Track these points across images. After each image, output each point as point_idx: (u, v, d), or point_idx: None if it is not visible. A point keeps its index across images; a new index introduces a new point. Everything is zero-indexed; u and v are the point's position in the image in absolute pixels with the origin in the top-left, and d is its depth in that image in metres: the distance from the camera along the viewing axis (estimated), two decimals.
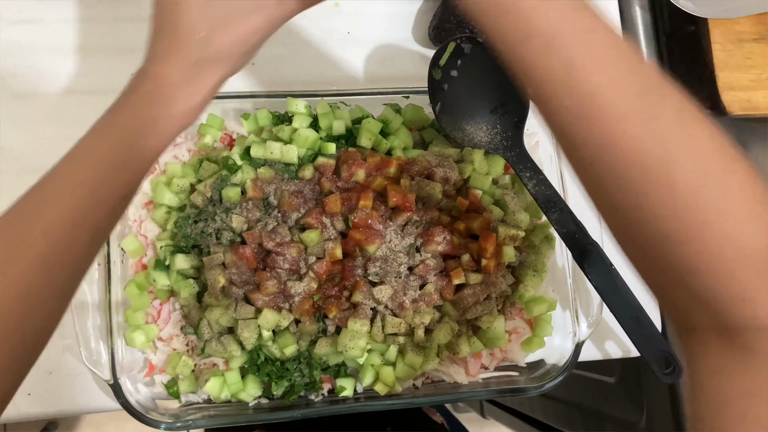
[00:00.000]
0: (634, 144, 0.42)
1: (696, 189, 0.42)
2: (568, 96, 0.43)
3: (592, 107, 0.42)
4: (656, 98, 0.43)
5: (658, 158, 0.42)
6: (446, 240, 0.72)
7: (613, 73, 0.42)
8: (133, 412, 0.68)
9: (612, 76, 0.42)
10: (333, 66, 0.85)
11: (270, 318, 0.69)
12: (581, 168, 0.46)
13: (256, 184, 0.72)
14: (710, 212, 0.42)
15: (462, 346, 0.73)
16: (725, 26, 0.87)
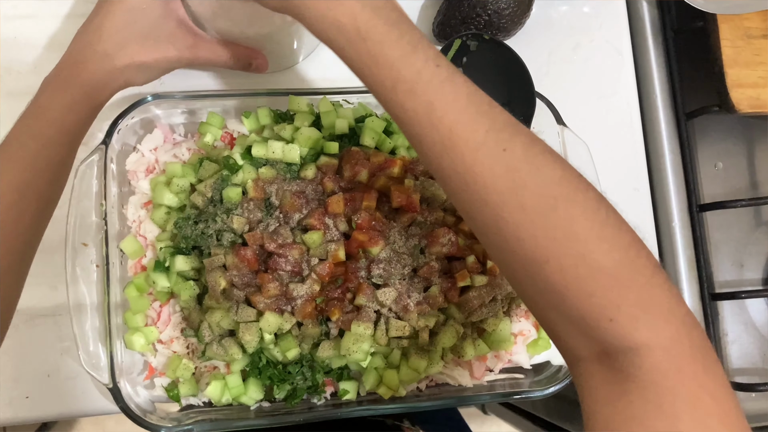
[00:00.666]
0: (490, 171, 0.48)
1: (544, 212, 0.47)
2: (432, 132, 0.49)
3: (452, 140, 0.48)
4: (506, 134, 0.48)
5: (511, 183, 0.47)
6: (451, 241, 0.70)
7: (465, 112, 0.48)
8: (133, 416, 0.67)
9: (465, 114, 0.48)
10: (335, 63, 0.83)
11: (272, 321, 0.67)
12: (455, 199, 0.51)
13: (258, 184, 0.70)
14: (560, 232, 0.46)
15: (467, 349, 0.72)
16: (734, 22, 0.86)
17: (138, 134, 0.76)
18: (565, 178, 0.48)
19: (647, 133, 0.91)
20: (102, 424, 1.92)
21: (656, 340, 0.45)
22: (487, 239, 0.51)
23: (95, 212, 0.70)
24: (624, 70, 0.91)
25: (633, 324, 0.45)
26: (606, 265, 0.46)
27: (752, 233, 0.94)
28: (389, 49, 0.49)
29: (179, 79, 0.80)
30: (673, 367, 0.44)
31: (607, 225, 0.47)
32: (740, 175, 0.94)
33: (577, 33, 0.89)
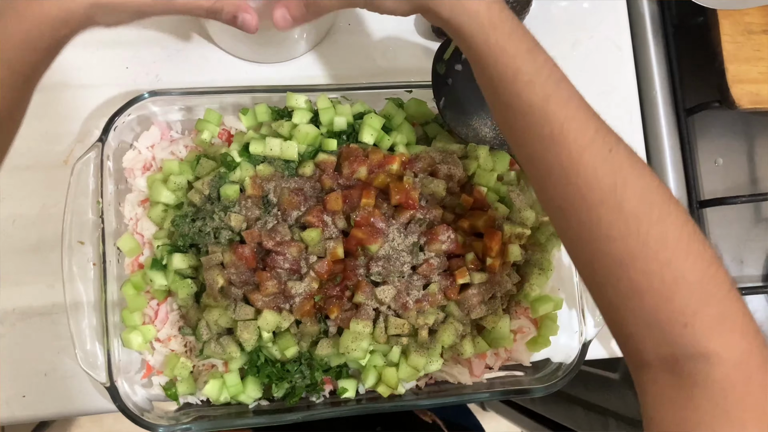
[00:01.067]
0: (594, 169, 0.50)
1: (639, 216, 0.49)
2: (543, 125, 0.51)
3: (562, 134, 0.50)
4: (612, 138, 0.51)
5: (612, 184, 0.49)
6: (450, 239, 0.70)
7: (579, 110, 0.51)
8: (130, 415, 0.67)
9: (578, 112, 0.51)
10: (334, 59, 0.83)
11: (270, 319, 0.67)
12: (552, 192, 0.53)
13: (255, 181, 0.70)
14: (652, 238, 0.48)
15: (466, 347, 0.71)
16: (734, 17, 0.85)
17: (135, 131, 0.75)
18: (662, 188, 0.50)
19: (647, 130, 0.90)
20: (101, 421, 1.92)
21: (729, 351, 0.46)
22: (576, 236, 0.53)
23: (92, 210, 0.70)
24: (624, 66, 0.90)
25: (707, 332, 0.47)
26: (689, 275, 0.48)
27: (752, 229, 0.93)
28: (517, 41, 0.52)
29: (176, 75, 0.80)
30: (743, 379, 0.46)
31: (694, 239, 0.49)
32: (740, 172, 0.94)
33: (577, 29, 0.89)
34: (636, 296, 0.49)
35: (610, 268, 0.50)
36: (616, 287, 0.50)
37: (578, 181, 0.50)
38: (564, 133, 0.50)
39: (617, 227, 0.49)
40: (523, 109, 0.52)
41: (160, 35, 0.80)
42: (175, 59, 0.80)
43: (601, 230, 0.50)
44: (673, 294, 0.48)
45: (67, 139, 0.77)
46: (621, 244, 0.49)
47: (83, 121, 0.77)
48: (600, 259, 0.50)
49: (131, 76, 0.79)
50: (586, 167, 0.50)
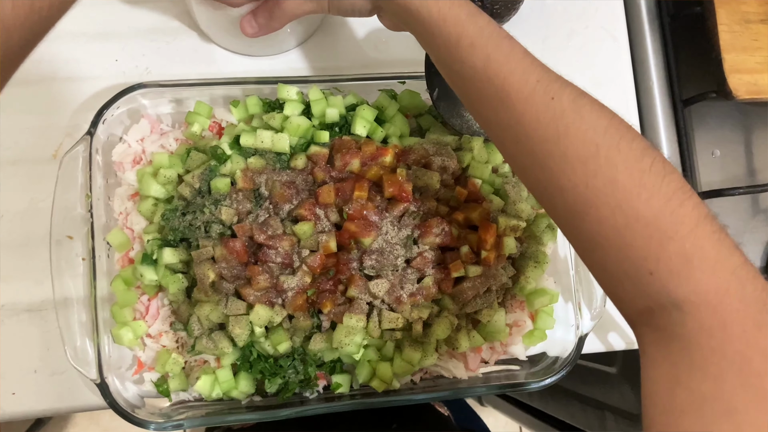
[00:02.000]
0: (536, 120, 0.49)
1: (585, 160, 0.46)
2: (488, 86, 0.51)
3: (505, 90, 0.50)
4: (556, 85, 0.49)
5: (555, 131, 0.48)
6: (444, 231, 0.69)
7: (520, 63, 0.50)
8: (121, 411, 0.66)
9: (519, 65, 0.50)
10: (325, 50, 0.81)
11: (262, 314, 0.66)
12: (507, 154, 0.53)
13: (246, 174, 0.69)
14: (600, 180, 0.46)
15: (461, 341, 0.70)
16: (731, 6, 0.84)
17: (124, 125, 0.74)
18: (611, 127, 0.47)
19: (644, 121, 0.90)
20: (97, 419, 1.91)
21: (700, 294, 0.43)
22: (538, 195, 0.52)
23: (80, 204, 0.68)
24: (620, 57, 0.89)
25: (673, 277, 0.43)
26: (644, 215, 0.44)
27: (750, 221, 0.92)
28: (459, 8, 0.53)
29: (166, 68, 0.79)
30: (718, 324, 0.42)
31: (649, 173, 0.45)
32: (738, 163, 0.93)
33: (573, 19, 0.88)
34: (598, 248, 0.47)
35: (570, 221, 0.48)
36: (579, 241, 0.48)
37: (525, 135, 0.49)
38: (506, 89, 0.50)
39: (566, 176, 0.47)
40: (468, 74, 0.52)
41: (149, 28, 0.79)
42: (165, 52, 0.79)
43: (554, 182, 0.48)
44: (631, 239, 0.45)
45: (56, 133, 0.75)
46: (572, 193, 0.47)
47: (72, 115, 0.76)
48: (561, 213, 0.49)
49: (120, 68, 0.78)
50: (530, 120, 0.49)
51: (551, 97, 0.49)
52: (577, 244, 0.50)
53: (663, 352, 0.44)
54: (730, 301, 0.42)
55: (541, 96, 0.49)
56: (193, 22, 0.79)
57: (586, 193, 0.46)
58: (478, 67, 0.51)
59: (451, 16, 0.52)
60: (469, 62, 0.52)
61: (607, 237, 0.46)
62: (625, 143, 0.47)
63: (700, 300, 0.42)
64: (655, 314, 0.44)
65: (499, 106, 0.51)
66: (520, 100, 0.49)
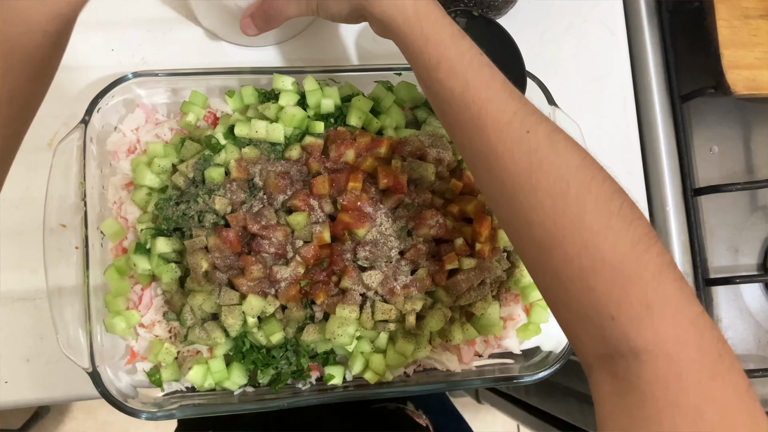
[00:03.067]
0: (510, 152, 0.49)
1: (555, 196, 0.46)
2: (465, 111, 0.51)
3: (481, 119, 0.50)
4: (533, 118, 0.49)
5: (527, 165, 0.48)
6: (439, 223, 0.69)
7: (498, 93, 0.51)
8: (113, 401, 0.65)
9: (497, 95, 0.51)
10: (322, 41, 0.81)
11: (255, 304, 0.66)
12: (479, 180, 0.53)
13: (241, 164, 0.68)
14: (568, 219, 0.46)
15: (455, 333, 0.70)
16: (731, 2, 0.84)
17: (120, 114, 0.74)
18: (583, 167, 0.48)
19: (641, 116, 0.89)
20: (94, 413, 1.92)
21: (659, 343, 0.42)
22: (505, 226, 0.52)
23: (74, 193, 0.68)
24: (618, 51, 0.89)
25: (634, 324, 0.43)
26: (609, 258, 0.44)
27: (748, 218, 0.92)
28: (441, 30, 0.53)
29: (162, 58, 0.79)
30: (674, 376, 0.41)
31: (617, 216, 0.45)
32: (736, 159, 0.93)
33: (571, 12, 0.87)
34: (561, 287, 0.46)
35: (537, 257, 0.48)
36: (544, 278, 0.48)
37: (497, 166, 0.49)
38: (482, 117, 0.50)
39: (535, 211, 0.47)
40: (446, 96, 0.52)
41: (146, 18, 0.79)
42: (161, 42, 0.79)
43: (522, 216, 0.48)
44: (594, 282, 0.44)
45: (51, 122, 0.75)
46: (540, 229, 0.47)
47: (67, 104, 0.76)
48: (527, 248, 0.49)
49: (117, 58, 0.78)
50: (504, 150, 0.49)
51: (527, 130, 0.49)
52: (541, 280, 0.50)
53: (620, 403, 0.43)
54: (687, 351, 0.42)
55: (517, 128, 0.49)
56: (190, 12, 0.79)
57: (554, 230, 0.46)
58: (456, 91, 0.51)
59: (433, 37, 0.52)
60: (448, 86, 0.52)
61: (571, 277, 0.45)
62: (596, 184, 0.47)
63: (657, 349, 0.42)
64: (614, 361, 0.44)
65: (474, 133, 0.51)
66: (495, 130, 0.49)
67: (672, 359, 0.42)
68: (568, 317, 0.48)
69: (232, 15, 0.73)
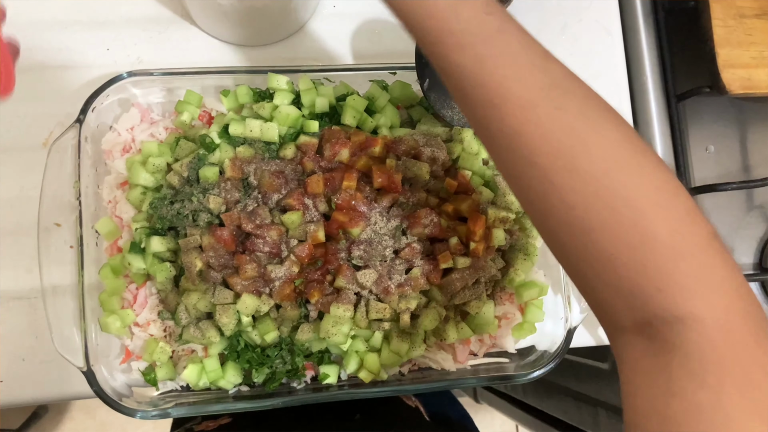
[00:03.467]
0: (540, 132, 0.45)
1: (598, 176, 0.44)
2: (480, 90, 0.46)
3: (501, 98, 0.45)
4: (560, 92, 0.45)
5: (563, 146, 0.44)
6: (433, 222, 0.69)
7: (518, 67, 0.45)
8: (108, 400, 0.66)
9: (517, 70, 0.45)
10: (317, 40, 0.81)
11: (249, 303, 0.66)
12: (499, 160, 0.49)
13: (235, 163, 0.69)
14: (615, 199, 0.43)
15: (449, 332, 0.70)
16: (726, 1, 0.84)
17: (115, 113, 0.74)
18: (625, 140, 0.45)
19: (637, 116, 0.89)
20: (93, 413, 1.92)
21: (707, 310, 0.42)
22: (531, 206, 0.49)
23: (69, 192, 0.68)
24: (614, 51, 0.89)
25: (683, 294, 0.43)
26: (660, 234, 0.43)
27: (744, 217, 0.92)
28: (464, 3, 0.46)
29: (157, 57, 0.79)
30: (723, 339, 0.41)
31: (664, 191, 0.44)
32: (732, 159, 0.93)
33: (566, 12, 0.87)
34: (605, 264, 0.45)
35: (575, 237, 0.46)
36: (583, 256, 0.46)
37: (526, 149, 0.45)
38: (503, 96, 0.45)
39: (575, 193, 0.44)
40: (456, 74, 0.47)
41: (141, 17, 0.79)
42: (156, 41, 0.79)
43: (557, 198, 0.45)
44: (644, 258, 0.43)
45: (46, 121, 0.75)
46: (581, 210, 0.44)
47: (62, 103, 0.75)
48: (562, 228, 0.46)
49: (112, 57, 0.78)
50: (532, 132, 0.45)
51: (556, 107, 0.45)
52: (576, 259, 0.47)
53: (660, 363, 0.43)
54: (735, 319, 0.42)
55: (545, 106, 0.45)
56: (186, 11, 0.79)
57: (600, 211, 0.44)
58: (468, 67, 0.46)
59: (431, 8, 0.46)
60: (457, 62, 0.46)
61: (618, 254, 0.44)
62: (639, 158, 0.45)
63: (706, 315, 0.42)
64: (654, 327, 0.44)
65: (492, 112, 0.46)
66: (519, 109, 0.45)
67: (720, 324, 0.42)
68: (602, 289, 0.46)
69: (227, 14, 0.73)
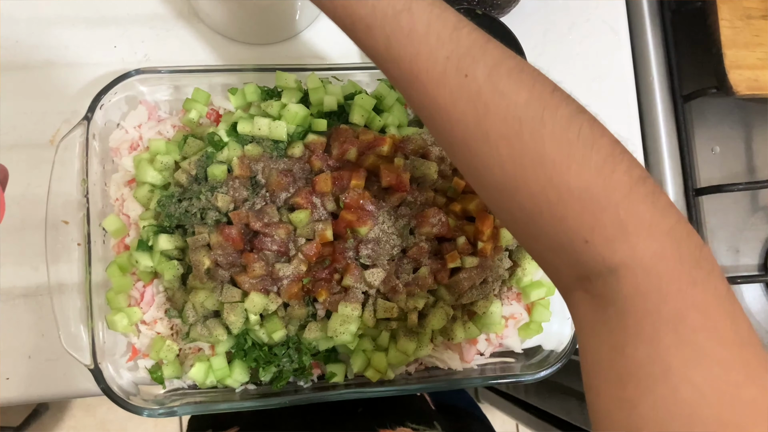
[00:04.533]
0: (452, 101, 0.45)
1: (509, 137, 0.44)
2: (394, 68, 0.47)
3: (413, 73, 0.46)
4: (468, 60, 0.45)
5: (473, 113, 0.45)
6: (441, 222, 0.69)
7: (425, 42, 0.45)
8: (115, 398, 0.65)
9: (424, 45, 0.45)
10: (324, 39, 0.81)
11: (257, 301, 0.66)
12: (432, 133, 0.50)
13: (243, 161, 0.68)
14: (526, 157, 0.44)
15: (457, 332, 0.70)
16: (733, 2, 0.84)
17: (122, 111, 0.74)
18: (533, 99, 0.44)
19: (643, 115, 0.89)
20: (93, 411, 1.91)
21: (635, 259, 0.42)
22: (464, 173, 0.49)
23: (77, 189, 0.68)
24: (620, 51, 0.89)
25: (609, 244, 0.42)
26: (576, 187, 0.43)
27: (749, 218, 0.92)
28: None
29: (164, 55, 0.78)
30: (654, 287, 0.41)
31: (577, 143, 0.43)
32: (737, 160, 0.93)
33: (574, 11, 0.87)
34: (531, 224, 0.46)
35: (500, 199, 0.47)
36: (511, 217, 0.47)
37: (443, 119, 0.46)
38: (414, 72, 0.46)
39: (490, 157, 0.45)
40: (373, 57, 0.48)
41: (148, 15, 0.79)
42: (164, 39, 0.79)
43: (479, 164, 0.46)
44: (564, 212, 0.43)
45: (53, 118, 0.75)
46: (499, 173, 0.45)
47: (70, 100, 0.76)
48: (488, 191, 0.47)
49: (119, 55, 0.78)
50: (445, 102, 0.45)
51: (464, 74, 0.45)
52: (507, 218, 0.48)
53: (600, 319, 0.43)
54: (665, 262, 0.42)
55: (453, 76, 0.45)
56: (193, 9, 0.79)
57: (514, 171, 0.45)
58: (380, 49, 0.47)
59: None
60: (370, 45, 0.47)
61: (540, 212, 0.44)
62: (549, 113, 0.44)
63: (635, 264, 0.42)
64: (590, 281, 0.44)
65: (409, 88, 0.47)
66: (431, 82, 0.46)
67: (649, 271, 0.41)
68: (540, 249, 0.47)
69: (234, 12, 0.73)
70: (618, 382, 0.41)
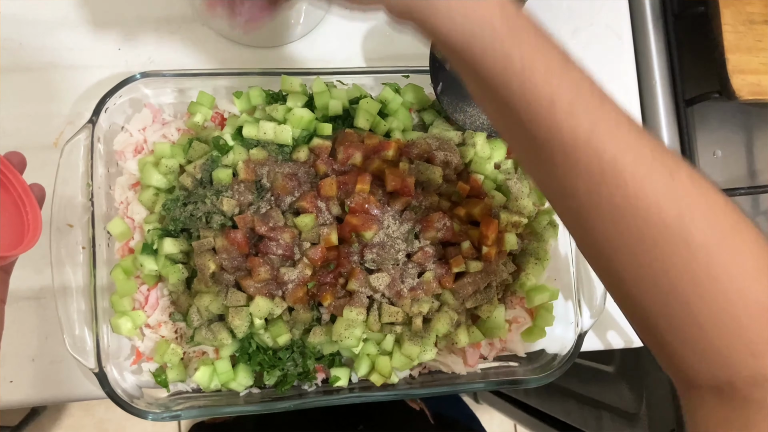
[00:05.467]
0: (656, 203, 0.43)
1: (709, 247, 0.42)
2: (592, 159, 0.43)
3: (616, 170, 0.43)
4: (669, 159, 0.44)
5: (677, 216, 0.42)
6: (446, 226, 0.69)
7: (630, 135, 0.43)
8: (119, 401, 0.65)
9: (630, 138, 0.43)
10: (329, 42, 0.81)
11: (262, 305, 0.66)
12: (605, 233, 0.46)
13: (248, 165, 0.68)
14: (722, 269, 0.42)
15: (461, 336, 0.70)
16: (736, 7, 0.84)
17: (126, 114, 0.74)
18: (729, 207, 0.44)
19: (646, 120, 0.89)
20: (92, 411, 1.91)
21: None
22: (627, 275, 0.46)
23: (81, 192, 0.68)
24: (623, 56, 0.89)
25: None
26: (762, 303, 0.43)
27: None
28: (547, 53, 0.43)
29: (169, 58, 0.78)
30: None
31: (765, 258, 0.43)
32: (739, 164, 0.93)
33: (577, 16, 0.87)
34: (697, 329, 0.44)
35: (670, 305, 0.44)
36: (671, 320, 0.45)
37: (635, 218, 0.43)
38: (619, 167, 0.42)
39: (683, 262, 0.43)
40: (564, 142, 0.43)
41: (153, 17, 0.79)
42: (168, 42, 0.79)
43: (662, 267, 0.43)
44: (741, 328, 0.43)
45: (57, 121, 0.75)
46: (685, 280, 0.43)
47: (74, 103, 0.75)
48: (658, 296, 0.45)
49: (123, 57, 0.78)
50: (647, 201, 0.43)
51: (670, 173, 0.43)
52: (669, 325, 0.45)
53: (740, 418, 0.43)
54: None
55: (660, 174, 0.43)
56: (197, 12, 0.79)
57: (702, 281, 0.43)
58: (581, 137, 0.42)
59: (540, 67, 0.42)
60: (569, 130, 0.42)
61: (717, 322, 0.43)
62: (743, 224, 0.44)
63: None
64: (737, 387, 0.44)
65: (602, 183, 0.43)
66: (634, 179, 0.42)
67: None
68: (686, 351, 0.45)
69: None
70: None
